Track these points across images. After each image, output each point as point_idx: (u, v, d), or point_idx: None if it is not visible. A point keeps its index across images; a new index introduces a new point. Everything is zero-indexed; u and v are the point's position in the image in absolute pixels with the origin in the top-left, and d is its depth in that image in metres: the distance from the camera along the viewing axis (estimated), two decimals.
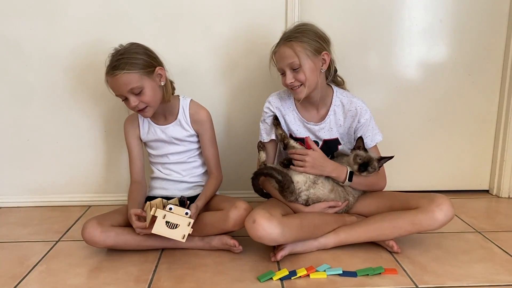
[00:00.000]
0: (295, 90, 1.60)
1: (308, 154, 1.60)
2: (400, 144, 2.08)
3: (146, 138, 1.76)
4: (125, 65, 1.55)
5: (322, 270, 1.45)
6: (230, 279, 1.42)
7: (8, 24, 1.92)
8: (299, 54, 1.54)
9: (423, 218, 1.49)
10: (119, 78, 1.55)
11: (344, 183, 1.63)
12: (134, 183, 1.76)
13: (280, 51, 1.58)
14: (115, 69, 1.56)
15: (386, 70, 2.08)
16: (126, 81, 1.55)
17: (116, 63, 1.56)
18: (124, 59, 1.56)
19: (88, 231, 1.52)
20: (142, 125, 1.76)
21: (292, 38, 1.56)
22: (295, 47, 1.54)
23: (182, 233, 1.46)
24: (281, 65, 1.59)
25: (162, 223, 1.45)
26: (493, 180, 2.21)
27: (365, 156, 1.60)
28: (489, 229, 1.79)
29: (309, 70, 1.56)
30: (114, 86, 1.58)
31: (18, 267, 1.51)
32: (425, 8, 2.02)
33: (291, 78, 1.57)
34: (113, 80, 1.57)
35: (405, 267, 1.48)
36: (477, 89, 2.11)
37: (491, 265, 1.49)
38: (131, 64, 1.56)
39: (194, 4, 1.93)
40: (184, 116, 1.73)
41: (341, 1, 1.99)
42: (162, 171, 1.78)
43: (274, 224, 1.43)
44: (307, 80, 1.56)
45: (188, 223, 1.46)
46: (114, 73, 1.55)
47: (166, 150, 1.76)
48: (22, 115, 2.01)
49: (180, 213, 1.46)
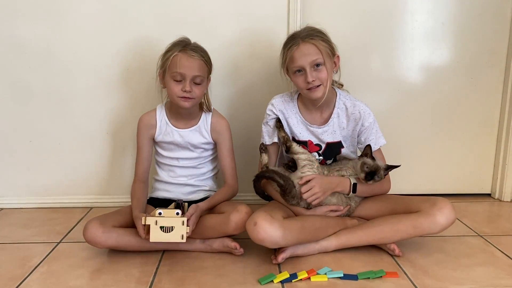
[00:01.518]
0: (313, 90, 1.58)
1: (313, 182, 1.58)
2: (402, 147, 2.08)
3: (161, 139, 1.74)
4: (202, 54, 1.63)
5: (323, 273, 1.44)
6: (231, 281, 1.42)
7: (11, 25, 1.93)
8: (323, 52, 1.55)
9: (425, 221, 1.49)
10: (194, 60, 1.60)
11: (349, 195, 1.63)
12: (139, 182, 1.75)
13: (302, 48, 1.55)
14: (195, 51, 1.61)
15: (388, 74, 2.08)
16: (198, 66, 1.61)
17: (194, 48, 1.62)
18: (200, 50, 1.64)
19: (90, 232, 1.52)
20: (160, 125, 1.74)
21: (313, 36, 1.56)
22: (318, 45, 1.55)
23: (179, 233, 1.45)
24: (302, 63, 1.56)
25: (156, 229, 1.44)
26: (495, 184, 2.20)
27: (373, 165, 1.59)
28: (491, 233, 1.79)
29: (330, 69, 1.58)
30: (185, 64, 1.60)
31: (19, 268, 1.52)
32: (428, 12, 2.02)
33: (313, 75, 1.56)
34: (187, 59, 1.60)
35: (406, 271, 1.48)
36: (479, 93, 2.11)
37: (492, 269, 1.49)
38: (206, 56, 1.65)
39: (197, 7, 1.94)
40: (206, 124, 1.74)
41: (343, 5, 1.99)
42: (168, 173, 1.78)
43: (275, 227, 1.43)
44: (328, 78, 1.57)
45: (182, 222, 1.45)
46: (192, 54, 1.60)
47: (178, 154, 1.75)
48: (24, 116, 2.02)
49: (170, 215, 1.46)
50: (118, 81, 1.99)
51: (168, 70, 1.62)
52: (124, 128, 2.03)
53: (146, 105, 1.94)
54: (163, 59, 1.64)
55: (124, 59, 1.97)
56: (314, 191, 1.57)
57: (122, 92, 2.01)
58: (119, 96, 2.01)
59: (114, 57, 1.97)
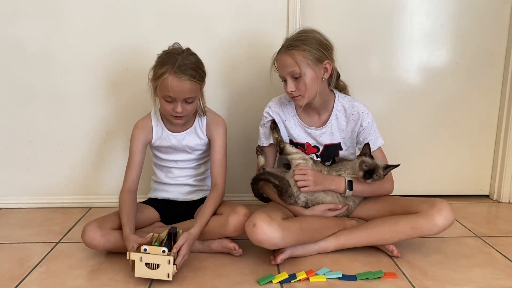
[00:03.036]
0: (294, 98, 1.61)
1: (308, 171, 1.59)
2: (401, 148, 2.08)
3: (159, 144, 1.72)
4: (193, 74, 1.54)
5: (322, 274, 1.45)
6: (230, 282, 1.42)
7: (10, 25, 1.93)
8: (300, 63, 1.53)
9: (423, 222, 1.50)
10: (184, 84, 1.53)
11: (345, 194, 1.63)
12: (128, 192, 1.64)
13: (281, 59, 1.57)
14: (185, 72, 1.53)
15: (387, 75, 2.08)
16: (189, 88, 1.55)
17: (184, 68, 1.53)
18: (191, 68, 1.55)
19: (88, 235, 1.52)
20: (156, 130, 1.72)
21: (293, 46, 1.55)
22: (296, 56, 1.53)
23: (165, 271, 1.37)
24: (282, 73, 1.59)
25: (142, 265, 1.37)
26: (493, 185, 2.21)
27: (371, 164, 1.59)
28: (489, 234, 1.79)
29: (310, 79, 1.55)
30: (176, 89, 1.53)
31: (18, 268, 1.52)
32: (427, 13, 2.03)
33: (292, 86, 1.56)
34: (178, 84, 1.53)
35: (405, 271, 1.48)
36: (478, 94, 2.11)
37: (491, 270, 1.49)
38: (198, 73, 1.56)
39: (195, 7, 1.94)
40: (201, 124, 1.72)
41: (342, 6, 1.99)
42: (166, 174, 1.77)
43: (274, 228, 1.43)
44: (307, 90, 1.56)
45: (168, 261, 1.36)
46: (183, 78, 1.53)
47: (175, 156, 1.74)
48: (23, 116, 2.02)
49: (156, 252, 1.37)
50: (117, 81, 2.00)
51: (159, 90, 1.57)
52: (123, 128, 2.02)
53: (145, 105, 1.93)
54: (155, 75, 1.58)
55: (123, 59, 1.97)
56: (306, 178, 1.57)
57: (121, 92, 2.01)
58: (118, 96, 2.01)
59: (113, 57, 1.97)
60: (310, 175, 1.58)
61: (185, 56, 1.56)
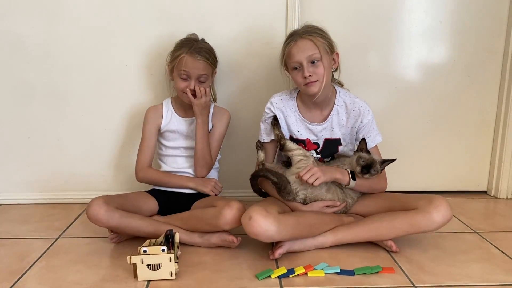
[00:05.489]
0: (309, 85, 1.59)
1: (312, 168, 1.57)
2: (399, 145, 2.08)
3: (166, 127, 1.80)
4: (207, 56, 1.71)
5: (320, 269, 1.45)
6: (229, 276, 1.43)
7: (9, 21, 1.93)
8: (320, 47, 1.57)
9: (421, 219, 1.50)
10: (199, 63, 1.69)
11: (349, 185, 1.62)
12: (147, 167, 1.79)
13: (299, 44, 1.58)
14: (200, 53, 1.69)
15: (385, 71, 2.08)
16: (203, 67, 1.70)
17: (199, 50, 1.70)
18: (205, 51, 1.72)
19: (93, 209, 1.52)
20: (166, 115, 1.81)
21: (311, 32, 1.59)
22: (316, 40, 1.57)
23: (168, 270, 1.39)
24: (299, 58, 1.58)
25: (143, 268, 1.38)
26: (491, 181, 2.21)
27: (368, 158, 1.60)
28: (487, 229, 1.80)
29: (327, 65, 1.59)
30: (191, 66, 1.68)
31: (18, 263, 1.52)
32: (425, 10, 2.03)
33: (310, 71, 1.57)
34: (193, 62, 1.69)
35: (402, 266, 1.49)
36: (476, 91, 2.12)
37: (488, 265, 1.50)
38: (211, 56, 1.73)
39: (194, 5, 1.94)
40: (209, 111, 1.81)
41: (341, 3, 2.00)
42: (171, 164, 1.82)
43: (270, 221, 1.44)
44: (325, 74, 1.58)
45: (169, 258, 1.38)
46: (197, 57, 1.69)
47: (181, 143, 1.81)
48: (23, 112, 2.02)
49: (156, 252, 1.39)
50: (116, 77, 2.00)
51: (176, 68, 1.72)
52: (123, 124, 2.03)
53: (145, 102, 1.95)
54: (172, 57, 1.74)
55: (123, 56, 1.97)
56: (313, 172, 1.56)
57: (121, 88, 2.01)
58: (117, 93, 2.01)
59: (112, 54, 1.97)
60: (316, 169, 1.57)
61: (200, 43, 1.75)
